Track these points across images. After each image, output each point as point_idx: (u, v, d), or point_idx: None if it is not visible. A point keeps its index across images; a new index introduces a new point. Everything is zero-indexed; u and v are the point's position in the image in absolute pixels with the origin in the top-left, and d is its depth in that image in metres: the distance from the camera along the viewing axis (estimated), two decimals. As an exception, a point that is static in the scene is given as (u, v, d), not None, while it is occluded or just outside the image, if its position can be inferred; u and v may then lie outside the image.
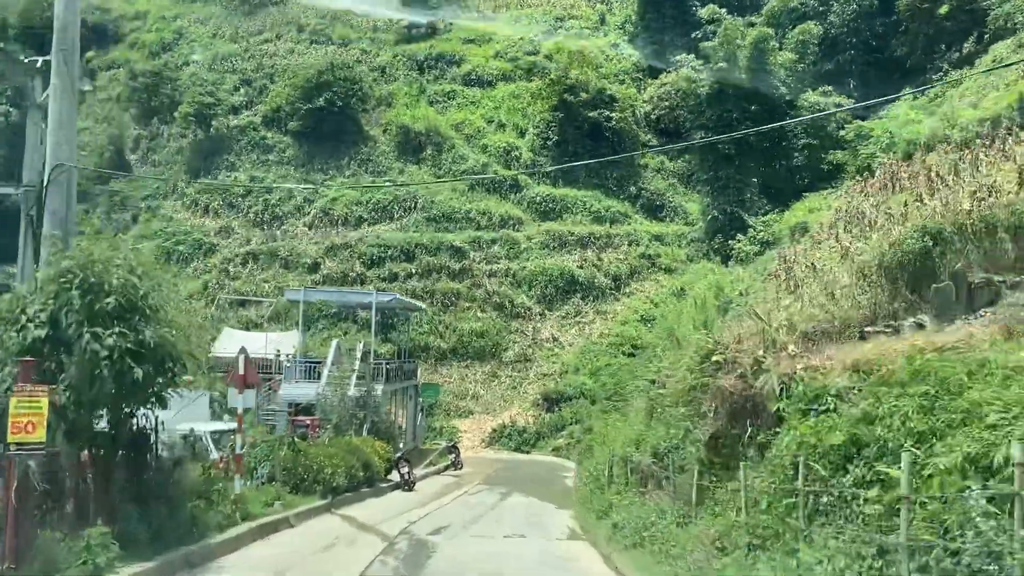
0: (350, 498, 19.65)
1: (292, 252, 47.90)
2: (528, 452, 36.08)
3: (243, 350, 15.52)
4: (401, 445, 27.46)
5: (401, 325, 41.42)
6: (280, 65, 61.02)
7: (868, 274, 13.33)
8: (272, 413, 24.32)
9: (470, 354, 42.37)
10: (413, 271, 45.58)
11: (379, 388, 25.69)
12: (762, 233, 42.53)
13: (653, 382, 22.02)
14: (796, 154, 48.20)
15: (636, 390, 26.87)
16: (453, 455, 29.64)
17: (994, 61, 40.34)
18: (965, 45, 47.47)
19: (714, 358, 12.53)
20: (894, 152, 34.85)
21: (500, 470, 29.96)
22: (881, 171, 28.84)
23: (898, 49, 52.38)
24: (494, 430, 37.69)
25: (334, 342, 27.39)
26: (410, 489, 23.34)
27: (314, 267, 46.86)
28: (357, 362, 25.69)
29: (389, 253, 46.49)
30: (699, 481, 12.05)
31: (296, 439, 18.21)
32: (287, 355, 27.82)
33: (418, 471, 25.97)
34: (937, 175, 17.63)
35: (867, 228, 17.48)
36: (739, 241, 42.61)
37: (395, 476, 23.58)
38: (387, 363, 29.08)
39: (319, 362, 26.41)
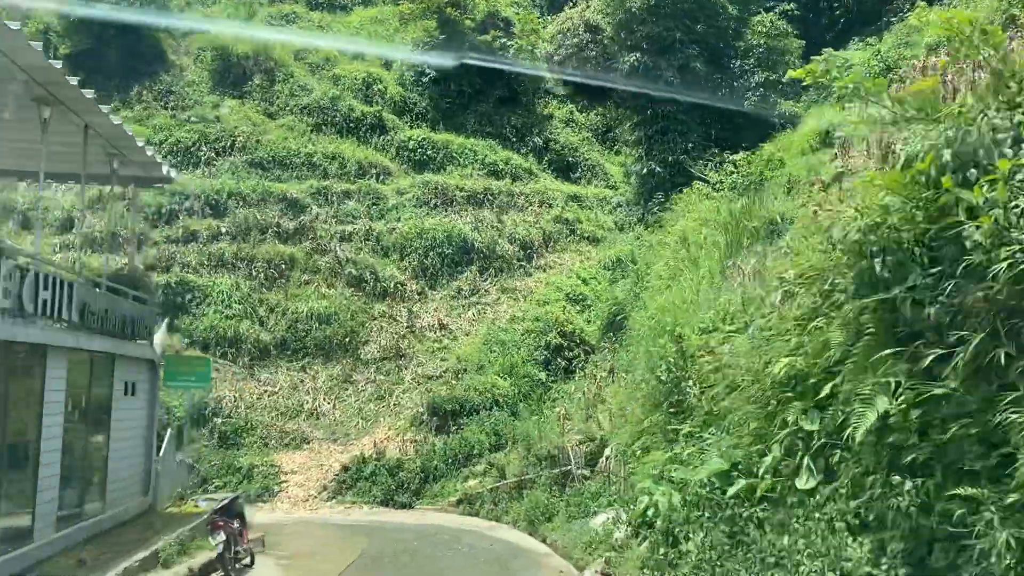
0: None
1: (39, 205, 28.88)
2: (410, 506, 19.01)
3: None
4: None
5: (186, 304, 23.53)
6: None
7: None
8: None
9: (308, 349, 25.04)
10: (222, 229, 27.82)
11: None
12: (733, 176, 27.57)
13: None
14: (748, 94, 34.06)
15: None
16: (222, 536, 11.87)
17: (975, -10, 28.70)
18: (926, -15, 35.76)
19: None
20: (905, 67, 23.71)
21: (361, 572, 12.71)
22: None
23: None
24: (346, 468, 20.40)
25: None
26: None
27: (67, 225, 28.32)
28: None
29: (187, 205, 28.60)
30: None
31: None
32: None
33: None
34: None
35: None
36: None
37: None
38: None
39: None
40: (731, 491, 8.78)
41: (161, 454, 14.74)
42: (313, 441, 21.86)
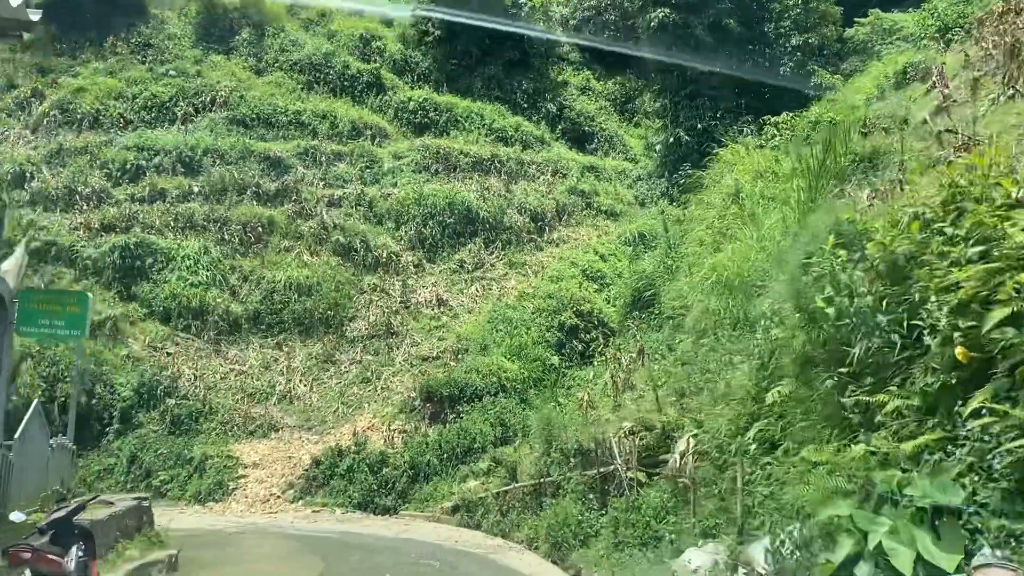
0: None
1: (-10, 161, 25.36)
2: (394, 512, 15.25)
3: None
4: None
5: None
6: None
7: None
8: None
9: (285, 324, 21.34)
10: (194, 188, 24.10)
11: None
12: (776, 139, 23.76)
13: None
14: (784, 59, 30.25)
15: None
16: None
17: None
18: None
19: None
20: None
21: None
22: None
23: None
24: (318, 462, 16.61)
25: None
26: None
27: (21, 179, 24.59)
28: None
29: (156, 162, 24.88)
30: None
31: None
32: None
33: None
34: None
35: None
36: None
37: None
38: None
39: None
40: None
41: (17, 435, 10.46)
42: (283, 429, 18.10)
